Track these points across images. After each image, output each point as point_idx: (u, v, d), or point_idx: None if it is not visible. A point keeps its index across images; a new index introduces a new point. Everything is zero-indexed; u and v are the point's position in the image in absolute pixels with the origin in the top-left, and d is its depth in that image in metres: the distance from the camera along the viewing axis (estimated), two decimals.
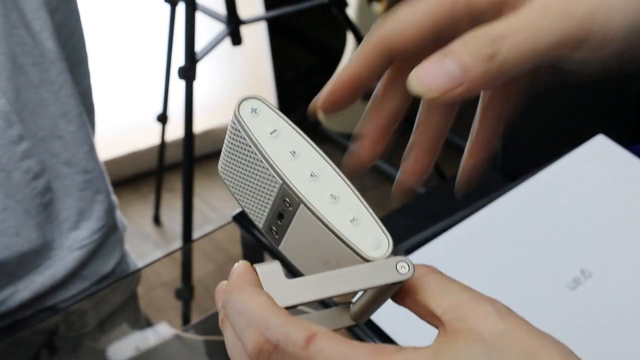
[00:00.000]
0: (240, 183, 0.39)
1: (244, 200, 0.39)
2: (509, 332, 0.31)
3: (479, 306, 0.33)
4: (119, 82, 2.39)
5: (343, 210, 0.36)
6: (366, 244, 0.35)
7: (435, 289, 0.34)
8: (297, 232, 0.37)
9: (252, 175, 0.38)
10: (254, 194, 0.38)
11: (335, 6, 1.78)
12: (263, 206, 0.38)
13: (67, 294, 0.88)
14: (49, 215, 0.83)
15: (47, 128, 0.81)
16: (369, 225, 0.36)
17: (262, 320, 0.31)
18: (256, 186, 0.38)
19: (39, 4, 0.77)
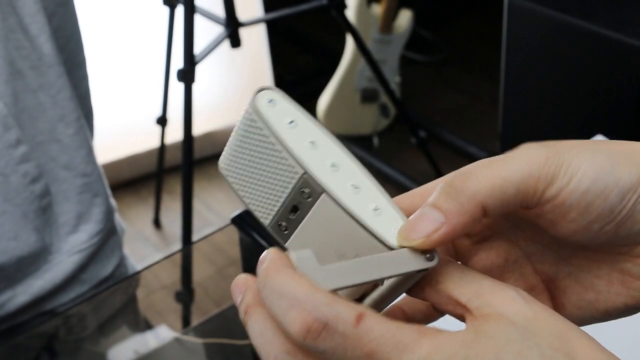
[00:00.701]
0: (248, 178, 0.38)
1: (249, 196, 0.38)
2: (536, 316, 0.32)
3: (502, 292, 0.33)
4: (119, 85, 2.39)
5: (365, 199, 0.36)
6: (390, 233, 0.35)
7: (456, 277, 0.34)
8: (313, 225, 0.37)
9: (265, 167, 0.37)
10: (265, 188, 0.37)
11: (334, 8, 1.77)
12: (275, 200, 0.37)
13: (66, 298, 0.88)
14: (48, 218, 0.83)
15: (45, 132, 0.81)
16: (391, 214, 0.36)
17: (309, 300, 0.31)
18: (269, 179, 0.37)
19: (36, 8, 0.77)
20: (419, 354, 0.31)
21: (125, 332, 0.98)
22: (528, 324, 0.31)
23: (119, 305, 0.95)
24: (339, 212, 0.35)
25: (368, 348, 0.31)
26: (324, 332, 0.31)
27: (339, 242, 0.36)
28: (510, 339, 0.31)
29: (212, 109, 2.58)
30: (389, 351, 0.31)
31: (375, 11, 2.34)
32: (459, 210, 0.34)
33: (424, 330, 0.32)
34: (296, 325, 0.31)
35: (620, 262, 0.38)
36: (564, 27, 0.95)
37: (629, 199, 0.35)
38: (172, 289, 1.45)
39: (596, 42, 0.92)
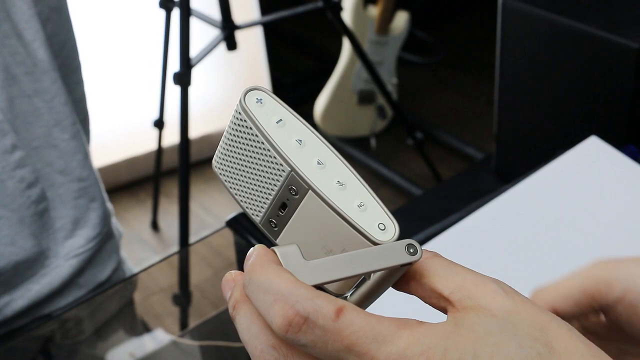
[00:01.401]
0: (239, 176, 0.39)
1: (241, 194, 0.39)
2: (516, 308, 0.32)
3: (484, 285, 0.34)
4: (117, 88, 2.39)
5: (350, 196, 0.37)
6: (374, 228, 0.36)
7: (440, 271, 0.35)
8: (301, 221, 0.37)
9: (255, 165, 0.38)
10: (255, 186, 0.38)
11: (330, 10, 1.78)
12: (264, 197, 0.38)
13: (64, 302, 0.88)
14: (44, 223, 0.83)
15: (41, 137, 0.81)
16: (375, 210, 0.37)
17: (291, 294, 0.32)
18: (259, 177, 0.38)
19: (30, 14, 0.77)
20: (397, 346, 0.31)
21: (122, 335, 0.98)
22: (508, 315, 0.32)
23: (115, 308, 0.95)
24: (324, 208, 0.36)
25: (347, 341, 0.31)
26: (305, 326, 0.31)
27: (325, 238, 0.37)
28: (489, 331, 0.31)
29: (209, 112, 2.59)
30: (368, 343, 0.31)
31: (371, 13, 2.34)
32: None
33: (403, 322, 0.32)
34: (278, 319, 0.31)
35: None
36: (557, 28, 0.96)
37: None
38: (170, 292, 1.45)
39: (590, 43, 0.93)
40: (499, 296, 0.33)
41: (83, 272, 0.88)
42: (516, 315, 0.32)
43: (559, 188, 0.84)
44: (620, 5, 0.95)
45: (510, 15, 1.01)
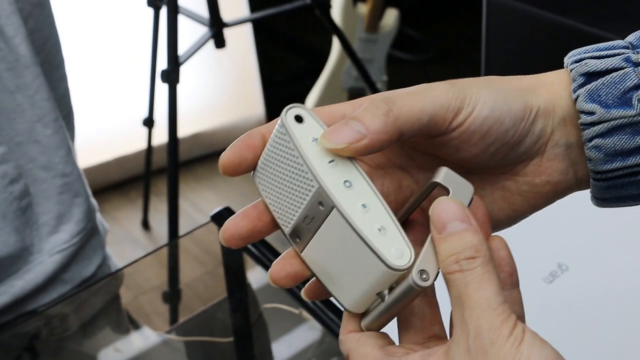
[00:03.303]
0: (274, 186, 0.41)
1: (274, 204, 0.41)
2: None
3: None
4: (106, 87, 2.39)
5: (372, 219, 0.39)
6: (391, 252, 0.38)
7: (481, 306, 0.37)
8: (324, 237, 0.39)
9: (289, 178, 0.40)
10: (287, 198, 0.40)
11: (318, 8, 1.78)
12: (294, 210, 0.40)
13: (48, 298, 0.88)
14: (28, 219, 0.83)
15: (24, 133, 0.81)
16: (394, 236, 0.39)
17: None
18: (291, 189, 0.40)
19: (11, 10, 0.77)
20: None
21: (108, 331, 0.98)
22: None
23: (101, 304, 0.95)
24: (346, 227, 0.38)
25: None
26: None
27: (345, 255, 0.39)
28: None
29: (199, 110, 2.58)
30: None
31: (361, 10, 2.34)
32: (381, 129, 0.38)
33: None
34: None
35: (500, 182, 0.44)
36: (541, 22, 0.96)
37: (519, 126, 0.41)
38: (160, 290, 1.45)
39: (573, 37, 0.93)
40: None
41: (67, 268, 0.88)
42: None
43: None
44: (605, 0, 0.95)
45: (494, 11, 1.01)
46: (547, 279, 0.76)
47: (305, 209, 0.39)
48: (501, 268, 0.41)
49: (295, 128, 0.39)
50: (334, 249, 0.39)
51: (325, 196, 0.38)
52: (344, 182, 0.39)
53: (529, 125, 0.41)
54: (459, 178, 0.40)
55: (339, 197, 0.38)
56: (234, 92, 2.70)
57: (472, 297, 0.36)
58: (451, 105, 0.40)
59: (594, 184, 0.42)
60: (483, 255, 0.37)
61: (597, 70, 0.40)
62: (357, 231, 0.37)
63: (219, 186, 2.55)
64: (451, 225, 0.37)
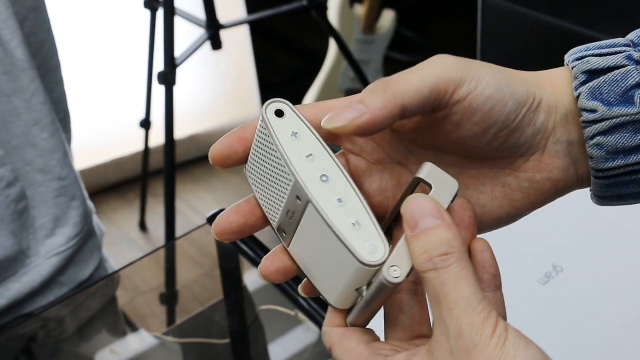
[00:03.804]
0: (261, 181, 0.41)
1: (262, 199, 0.41)
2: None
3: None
4: (103, 89, 2.39)
5: (347, 213, 0.38)
6: (364, 247, 0.37)
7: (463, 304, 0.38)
8: (305, 231, 0.39)
9: (272, 173, 0.40)
10: (272, 192, 0.40)
11: (314, 9, 1.78)
12: (278, 204, 0.40)
13: (45, 301, 0.88)
14: (24, 222, 0.83)
15: (20, 136, 0.81)
16: (369, 231, 0.38)
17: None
18: (274, 184, 0.40)
19: (7, 14, 0.77)
20: None
21: (105, 333, 0.98)
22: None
23: (98, 306, 0.95)
24: (320, 221, 0.38)
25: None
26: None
27: (323, 250, 0.39)
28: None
29: (197, 112, 2.58)
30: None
31: (357, 11, 2.35)
32: (381, 105, 0.38)
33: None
34: None
35: (501, 177, 0.43)
36: (537, 24, 0.96)
37: (520, 111, 0.40)
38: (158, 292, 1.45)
39: (569, 39, 0.93)
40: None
41: (64, 271, 0.89)
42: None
43: None
44: (600, 1, 0.96)
45: (490, 12, 1.01)
46: (542, 280, 0.77)
47: (286, 204, 0.39)
48: (485, 270, 0.40)
49: (274, 122, 0.39)
50: (314, 244, 0.39)
51: (300, 190, 0.38)
52: (321, 176, 0.39)
53: (531, 114, 0.41)
54: (443, 174, 0.39)
55: (314, 191, 0.38)
56: (230, 94, 2.70)
57: (449, 296, 0.35)
58: (452, 77, 0.39)
59: (595, 181, 0.42)
60: (457, 251, 0.36)
61: (599, 67, 0.40)
62: (330, 225, 0.37)
63: (215, 187, 2.55)
64: (423, 222, 0.37)
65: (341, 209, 0.38)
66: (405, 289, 0.42)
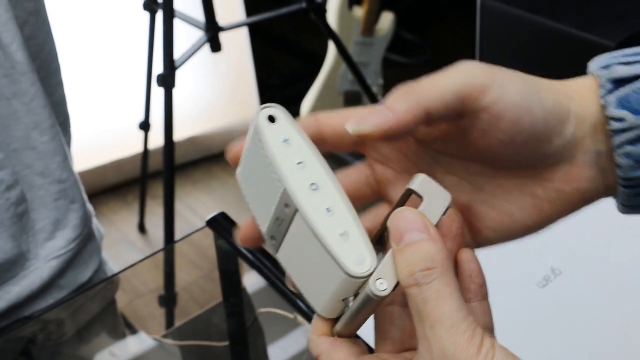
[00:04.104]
0: (252, 186, 0.41)
1: (253, 204, 0.41)
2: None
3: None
4: (102, 91, 2.39)
5: (335, 223, 0.38)
6: (351, 259, 0.37)
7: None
8: (293, 239, 0.39)
9: (262, 179, 0.39)
10: (262, 198, 0.40)
11: (313, 12, 1.78)
12: (267, 211, 0.40)
13: (44, 304, 0.88)
14: (24, 225, 0.83)
15: (20, 139, 0.81)
16: (357, 242, 0.37)
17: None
18: (264, 190, 0.39)
19: (7, 17, 0.77)
20: None
21: (104, 335, 0.98)
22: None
23: (97, 309, 0.95)
24: (308, 230, 0.37)
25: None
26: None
27: (311, 259, 0.38)
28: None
29: (196, 114, 2.59)
30: None
31: (356, 14, 2.35)
32: (406, 109, 0.38)
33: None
34: None
35: (529, 187, 0.42)
36: (535, 27, 0.97)
37: (550, 121, 0.40)
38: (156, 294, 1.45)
39: (567, 41, 0.93)
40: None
41: (64, 274, 0.89)
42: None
43: None
44: (596, 4, 0.96)
45: (489, 15, 1.02)
46: (541, 284, 0.77)
47: (276, 211, 0.39)
48: (472, 280, 0.40)
49: (266, 128, 0.39)
50: (302, 253, 0.39)
51: (289, 198, 0.37)
52: (311, 184, 0.38)
53: (560, 125, 0.40)
54: (435, 186, 0.39)
55: (302, 199, 0.37)
56: (230, 96, 2.71)
57: (432, 314, 0.34)
58: (477, 83, 0.39)
59: (623, 190, 0.41)
60: (440, 266, 0.35)
61: (626, 76, 0.40)
62: (318, 235, 0.37)
63: (215, 189, 2.55)
64: (408, 236, 0.36)
65: (329, 219, 0.38)
66: (397, 301, 0.41)
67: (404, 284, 0.36)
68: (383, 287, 0.36)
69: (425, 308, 0.35)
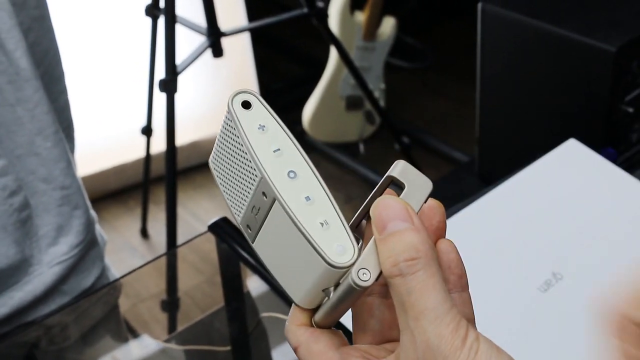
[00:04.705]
0: (226, 174, 0.39)
1: (227, 193, 0.40)
2: None
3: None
4: (105, 96, 2.39)
5: (315, 212, 0.37)
6: (332, 248, 0.36)
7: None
8: (270, 229, 0.38)
9: (237, 166, 0.38)
10: (237, 187, 0.39)
11: (315, 17, 1.79)
12: (243, 200, 0.39)
13: (47, 309, 0.88)
14: (27, 231, 0.84)
15: (24, 145, 0.82)
16: (338, 231, 0.36)
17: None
18: (240, 178, 0.38)
19: (12, 24, 0.77)
20: None
21: (108, 340, 0.99)
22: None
23: (100, 314, 0.96)
24: (287, 220, 0.36)
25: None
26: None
27: (289, 249, 0.37)
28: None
29: (198, 119, 2.59)
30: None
31: (358, 18, 2.35)
32: None
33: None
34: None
35: None
36: (536, 32, 0.97)
37: None
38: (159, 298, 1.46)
39: (568, 46, 0.94)
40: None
41: (67, 280, 0.89)
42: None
43: (538, 190, 0.85)
44: (597, 9, 0.96)
45: (489, 20, 1.02)
46: (542, 288, 0.77)
47: (252, 199, 0.38)
48: (451, 270, 0.38)
49: (241, 114, 0.38)
50: (280, 242, 0.37)
51: (267, 186, 0.36)
52: (289, 172, 0.37)
53: None
54: (416, 173, 0.38)
55: (281, 188, 0.36)
56: None
57: (416, 305, 0.33)
58: None
59: None
60: (424, 256, 0.34)
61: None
62: (298, 225, 0.36)
63: (216, 194, 2.55)
64: (391, 225, 0.35)
65: (309, 208, 0.36)
66: (375, 292, 0.40)
67: (388, 274, 0.35)
68: (366, 278, 0.35)
69: (409, 299, 0.34)
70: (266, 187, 0.37)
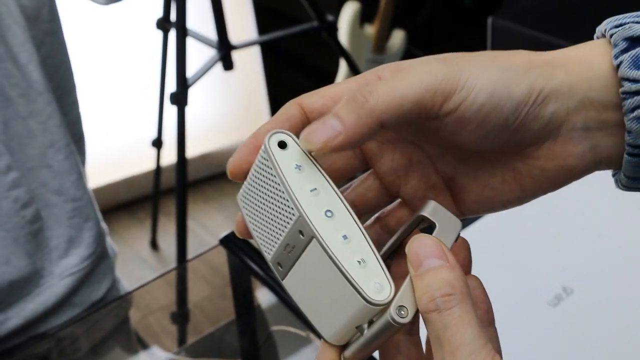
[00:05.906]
0: (258, 213, 0.40)
1: (257, 230, 0.40)
2: None
3: None
4: (115, 108, 2.41)
5: (352, 251, 0.37)
6: (370, 286, 0.37)
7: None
8: (304, 267, 0.38)
9: (271, 205, 0.39)
10: (270, 225, 0.39)
11: (325, 30, 1.80)
12: (276, 237, 0.39)
13: (58, 321, 0.89)
14: (39, 243, 0.84)
15: (36, 158, 0.82)
16: (375, 269, 0.37)
17: None
18: (273, 217, 0.39)
19: (25, 37, 0.78)
20: None
21: (118, 353, 0.99)
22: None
23: (111, 326, 0.96)
24: (324, 258, 0.37)
25: None
26: None
27: (324, 286, 0.38)
28: None
29: (208, 131, 2.60)
30: None
31: (368, 31, 2.36)
32: (357, 123, 0.36)
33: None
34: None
35: (512, 162, 0.41)
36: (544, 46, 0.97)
37: (521, 111, 0.38)
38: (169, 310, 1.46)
39: None
40: None
41: (77, 291, 0.89)
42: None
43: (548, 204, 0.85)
44: None
45: (499, 34, 1.02)
46: (552, 302, 0.77)
47: (286, 237, 0.38)
48: (478, 306, 0.39)
49: (278, 154, 0.38)
50: (314, 280, 0.38)
51: (305, 225, 0.37)
52: (326, 211, 0.38)
53: (534, 109, 0.38)
54: (446, 213, 0.39)
55: (319, 227, 0.37)
56: (241, 113, 2.72)
57: (452, 341, 0.34)
58: (439, 89, 0.37)
59: (628, 159, 0.38)
60: (460, 292, 0.35)
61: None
62: (336, 263, 0.36)
63: (227, 206, 2.56)
64: (427, 262, 0.36)
65: (346, 246, 0.37)
66: (402, 330, 0.40)
67: (424, 309, 0.35)
68: (404, 314, 0.36)
69: (445, 334, 0.34)
70: (304, 226, 0.37)
